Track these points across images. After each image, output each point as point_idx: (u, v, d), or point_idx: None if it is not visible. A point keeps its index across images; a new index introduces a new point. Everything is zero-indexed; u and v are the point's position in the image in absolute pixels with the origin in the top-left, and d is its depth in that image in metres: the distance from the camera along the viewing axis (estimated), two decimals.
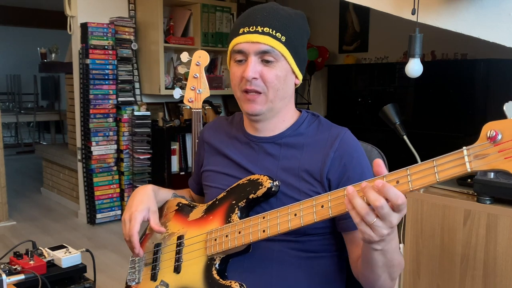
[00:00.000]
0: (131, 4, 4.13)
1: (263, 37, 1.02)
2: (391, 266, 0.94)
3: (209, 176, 1.19)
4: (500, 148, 0.71)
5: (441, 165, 0.76)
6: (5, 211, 4.01)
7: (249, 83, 1.04)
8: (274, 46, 1.03)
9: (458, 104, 3.63)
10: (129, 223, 1.12)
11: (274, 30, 1.03)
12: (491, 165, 0.72)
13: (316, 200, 0.90)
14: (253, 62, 1.03)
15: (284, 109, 1.11)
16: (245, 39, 1.04)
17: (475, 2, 1.73)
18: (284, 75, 1.06)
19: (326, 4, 4.99)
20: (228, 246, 1.01)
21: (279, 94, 1.07)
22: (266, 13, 1.05)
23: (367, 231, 0.82)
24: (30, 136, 8.55)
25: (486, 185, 1.58)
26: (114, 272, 3.00)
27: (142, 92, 4.22)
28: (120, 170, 4.06)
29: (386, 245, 0.88)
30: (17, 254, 1.35)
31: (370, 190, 0.79)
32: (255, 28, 1.03)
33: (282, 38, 1.03)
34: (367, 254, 0.92)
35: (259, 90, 1.05)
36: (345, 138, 1.08)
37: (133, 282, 1.19)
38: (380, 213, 0.79)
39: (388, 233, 0.83)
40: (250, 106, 1.07)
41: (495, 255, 1.57)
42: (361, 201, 0.81)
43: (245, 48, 1.04)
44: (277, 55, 1.04)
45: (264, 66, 1.04)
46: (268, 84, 1.05)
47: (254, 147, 1.13)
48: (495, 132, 0.71)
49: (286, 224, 0.93)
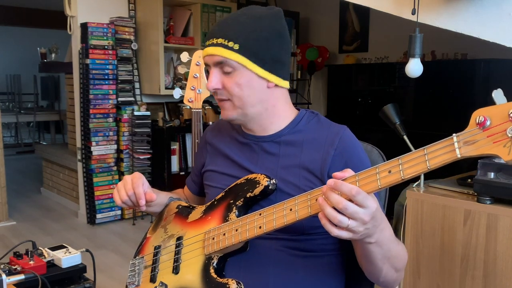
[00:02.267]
0: (131, 4, 4.13)
1: (216, 48, 1.05)
2: (390, 257, 0.94)
3: (211, 176, 1.20)
4: (488, 133, 0.72)
5: (432, 152, 0.77)
6: (5, 211, 4.01)
7: (215, 93, 1.09)
8: (227, 56, 1.04)
9: (458, 104, 3.63)
10: (130, 179, 1.16)
11: (226, 39, 1.04)
12: (480, 150, 0.73)
13: (311, 194, 0.90)
14: (214, 74, 1.07)
15: (265, 113, 1.10)
16: (205, 52, 1.09)
17: (475, 2, 1.73)
18: (246, 82, 1.05)
19: (326, 4, 4.99)
20: (225, 244, 1.02)
21: (248, 101, 1.07)
22: (223, 23, 1.08)
23: (344, 234, 0.83)
24: (30, 136, 8.55)
25: (486, 185, 1.58)
26: (114, 272, 3.00)
27: (142, 92, 4.22)
28: (120, 170, 4.06)
29: (379, 236, 0.89)
30: (17, 254, 1.35)
31: (331, 193, 0.82)
32: (212, 41, 1.06)
33: (234, 46, 1.03)
34: (362, 249, 0.93)
35: (225, 98, 1.08)
36: (344, 136, 1.08)
37: (133, 285, 1.19)
38: (348, 213, 0.81)
39: (375, 224, 0.84)
40: (223, 113, 1.11)
41: (495, 255, 1.57)
42: (330, 209, 0.83)
43: (206, 60, 1.09)
44: (233, 64, 1.04)
45: (225, 76, 1.07)
46: (231, 92, 1.06)
47: (253, 146, 1.14)
48: (483, 118, 0.72)
49: (281, 219, 0.93)
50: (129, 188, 1.15)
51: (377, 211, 0.83)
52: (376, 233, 0.87)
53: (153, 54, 4.02)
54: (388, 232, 0.92)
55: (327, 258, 1.10)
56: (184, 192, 1.39)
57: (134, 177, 1.17)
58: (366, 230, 0.84)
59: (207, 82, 1.09)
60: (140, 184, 1.15)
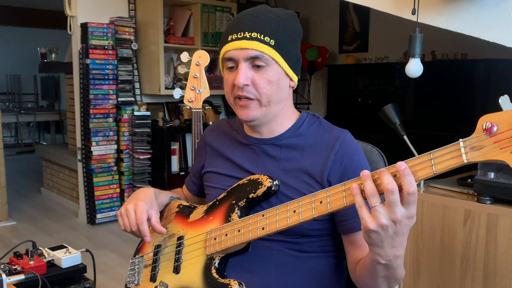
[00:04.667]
0: (131, 4, 4.13)
1: (251, 42, 1.02)
2: (392, 278, 0.93)
3: (211, 177, 1.20)
4: (495, 139, 0.72)
5: (438, 157, 0.77)
6: (5, 211, 4.01)
7: (241, 89, 1.04)
8: (263, 51, 1.02)
9: (458, 104, 3.63)
10: (134, 212, 1.11)
11: (262, 34, 1.03)
12: (487, 156, 0.73)
13: (315, 196, 0.90)
14: (244, 69, 1.03)
15: (280, 112, 1.10)
16: (234, 46, 1.04)
17: (475, 2, 1.73)
18: (276, 79, 1.05)
19: (326, 4, 4.99)
20: (227, 245, 1.02)
21: (273, 99, 1.06)
22: (254, 18, 1.05)
23: (365, 216, 0.81)
24: (30, 136, 8.55)
25: (486, 185, 1.58)
26: (114, 272, 3.00)
27: (142, 92, 4.22)
28: (120, 170, 4.06)
29: (392, 261, 0.87)
30: (17, 254, 1.35)
31: (387, 173, 0.79)
32: (243, 34, 1.03)
33: (271, 41, 1.03)
34: (371, 267, 0.91)
35: (251, 97, 1.05)
36: (345, 141, 1.08)
37: (133, 284, 1.19)
38: (389, 198, 0.78)
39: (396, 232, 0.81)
40: (244, 113, 1.07)
41: (495, 255, 1.57)
42: (372, 184, 0.80)
43: (234, 55, 1.04)
44: (267, 60, 1.03)
45: (255, 71, 1.04)
46: (260, 90, 1.04)
47: (254, 149, 1.14)
48: (490, 124, 0.72)
49: (285, 221, 0.93)
50: (133, 224, 1.10)
51: (405, 226, 0.81)
52: (389, 251, 0.84)
53: (153, 54, 4.02)
54: (400, 261, 0.89)
55: (328, 259, 1.10)
56: (183, 192, 1.38)
57: (138, 210, 1.11)
58: (386, 230, 0.81)
59: (236, 78, 1.03)
60: (145, 220, 1.10)
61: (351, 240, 1.05)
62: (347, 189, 0.86)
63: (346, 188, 0.86)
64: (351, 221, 1.02)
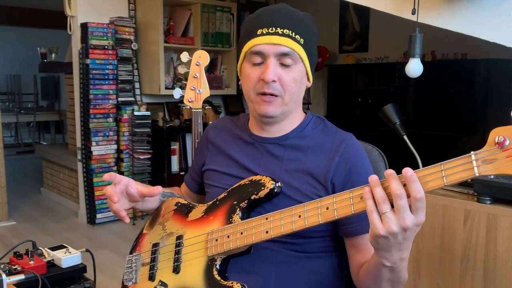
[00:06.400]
0: (131, 4, 4.13)
1: (284, 39, 1.02)
2: (396, 282, 0.93)
3: (212, 175, 1.19)
4: (508, 154, 0.72)
5: (449, 169, 0.77)
6: (5, 211, 4.01)
7: (267, 86, 1.03)
8: (294, 49, 1.02)
9: (458, 104, 3.63)
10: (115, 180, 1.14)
11: (293, 32, 1.03)
12: (499, 170, 0.73)
13: (321, 202, 0.90)
14: (273, 65, 1.02)
15: (294, 111, 1.11)
16: (265, 40, 1.02)
17: (475, 2, 1.73)
18: (300, 78, 1.06)
19: (326, 4, 4.99)
20: (229, 247, 1.01)
21: (294, 97, 1.07)
22: (284, 15, 1.04)
23: (375, 222, 0.81)
24: (30, 136, 8.55)
25: (486, 185, 1.58)
26: (114, 272, 3.00)
27: (142, 92, 4.22)
28: (120, 170, 4.06)
29: (397, 264, 0.87)
30: (17, 254, 1.35)
31: (395, 178, 0.80)
32: (275, 30, 1.02)
33: (301, 40, 1.03)
34: (375, 270, 0.91)
35: (276, 94, 1.04)
36: (350, 144, 1.08)
37: (130, 282, 1.18)
38: (397, 203, 0.79)
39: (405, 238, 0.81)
40: (265, 108, 1.06)
41: (495, 255, 1.57)
42: (382, 190, 0.81)
43: (265, 49, 1.03)
44: (296, 58, 1.03)
45: (282, 69, 1.04)
46: (286, 88, 1.04)
47: (258, 147, 1.13)
48: (503, 138, 0.72)
49: (290, 226, 0.93)
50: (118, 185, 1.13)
51: (413, 233, 0.81)
52: (396, 255, 0.85)
53: (153, 54, 4.02)
54: (405, 263, 0.89)
55: (328, 259, 1.09)
56: (181, 189, 1.36)
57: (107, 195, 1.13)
58: (395, 237, 0.80)
59: (265, 73, 1.01)
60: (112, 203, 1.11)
61: (354, 243, 1.05)
62: (355, 196, 0.86)
63: (354, 196, 0.86)
64: (355, 225, 1.02)
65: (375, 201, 0.81)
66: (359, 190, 0.85)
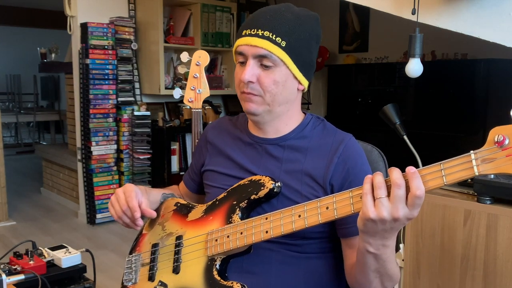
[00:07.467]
0: (131, 4, 4.13)
1: (262, 41, 1.02)
2: (383, 274, 0.94)
3: (211, 176, 1.19)
4: (508, 153, 0.72)
5: (449, 168, 0.77)
6: (5, 211, 4.01)
7: (246, 86, 1.04)
8: (272, 51, 1.02)
9: (458, 104, 3.63)
10: (123, 194, 1.13)
11: (274, 34, 1.02)
12: (499, 169, 0.73)
13: (320, 202, 0.90)
14: (251, 66, 1.03)
15: (286, 113, 1.10)
16: (245, 41, 1.04)
17: (475, 2, 1.73)
18: (283, 81, 1.05)
19: (326, 4, 4.99)
20: (229, 247, 1.01)
21: (278, 99, 1.06)
22: (270, 16, 1.04)
23: (368, 204, 0.82)
24: (30, 136, 8.55)
25: (486, 185, 1.58)
26: (114, 272, 3.00)
27: (142, 92, 4.22)
28: (120, 170, 4.06)
29: (381, 250, 0.88)
30: (17, 254, 1.35)
31: (398, 171, 0.81)
32: (256, 31, 1.03)
33: (282, 43, 1.02)
34: (361, 258, 0.92)
35: (255, 93, 1.05)
36: (349, 144, 1.08)
37: (130, 282, 1.18)
38: (395, 192, 0.79)
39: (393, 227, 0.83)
40: (248, 105, 1.07)
41: (495, 255, 1.57)
42: (382, 178, 0.82)
43: (244, 50, 1.04)
44: (275, 60, 1.03)
45: (262, 70, 1.04)
46: (265, 88, 1.04)
47: (257, 148, 1.13)
48: (502, 137, 0.72)
49: (290, 225, 0.93)
50: (123, 203, 1.12)
51: (401, 224, 0.83)
52: (379, 241, 0.86)
53: (153, 54, 4.02)
54: (389, 251, 0.90)
55: (328, 260, 1.09)
56: (180, 189, 1.36)
57: (126, 190, 1.14)
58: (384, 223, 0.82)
59: (242, 74, 1.03)
60: (134, 197, 1.12)
61: (350, 244, 1.05)
62: (354, 196, 0.86)
63: (353, 195, 0.86)
64: (352, 225, 1.02)
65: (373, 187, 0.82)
66: (359, 189, 0.85)
